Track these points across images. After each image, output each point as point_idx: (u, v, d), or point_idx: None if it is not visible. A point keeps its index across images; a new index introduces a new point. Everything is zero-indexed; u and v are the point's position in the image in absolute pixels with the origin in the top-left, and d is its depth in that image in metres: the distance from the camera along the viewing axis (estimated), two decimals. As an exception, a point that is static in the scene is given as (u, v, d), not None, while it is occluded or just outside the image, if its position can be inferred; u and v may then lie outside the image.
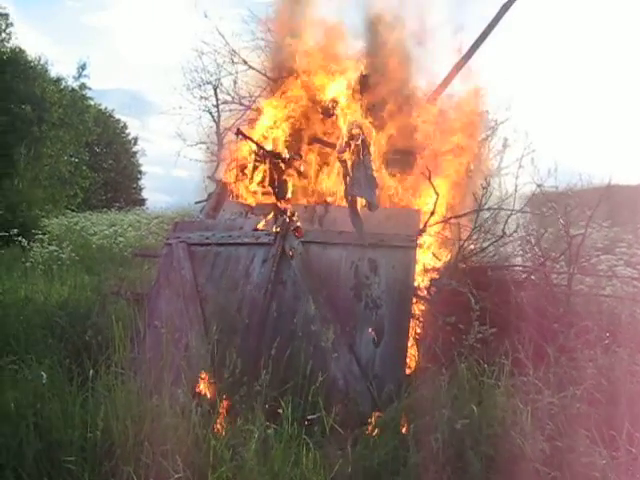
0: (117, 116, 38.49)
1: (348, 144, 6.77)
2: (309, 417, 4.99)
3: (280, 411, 4.85)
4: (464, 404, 4.84)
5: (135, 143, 39.74)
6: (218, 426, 5.00)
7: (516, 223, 7.51)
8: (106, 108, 36.59)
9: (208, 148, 10.11)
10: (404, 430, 4.98)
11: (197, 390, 6.13)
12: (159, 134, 63.44)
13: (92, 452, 4.09)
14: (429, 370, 5.46)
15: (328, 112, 7.44)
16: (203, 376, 6.22)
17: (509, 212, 7.35)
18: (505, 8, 7.68)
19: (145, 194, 40.05)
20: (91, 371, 4.73)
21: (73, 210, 23.22)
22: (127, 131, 39.36)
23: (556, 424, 4.61)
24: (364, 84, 7.31)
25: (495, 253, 7.64)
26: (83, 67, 24.45)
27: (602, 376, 5.47)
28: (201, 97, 9.62)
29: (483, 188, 7.26)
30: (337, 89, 7.40)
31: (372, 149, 6.93)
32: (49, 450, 4.22)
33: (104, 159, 36.46)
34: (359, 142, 6.74)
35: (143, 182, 40.34)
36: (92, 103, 27.53)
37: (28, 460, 4.13)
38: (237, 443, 4.27)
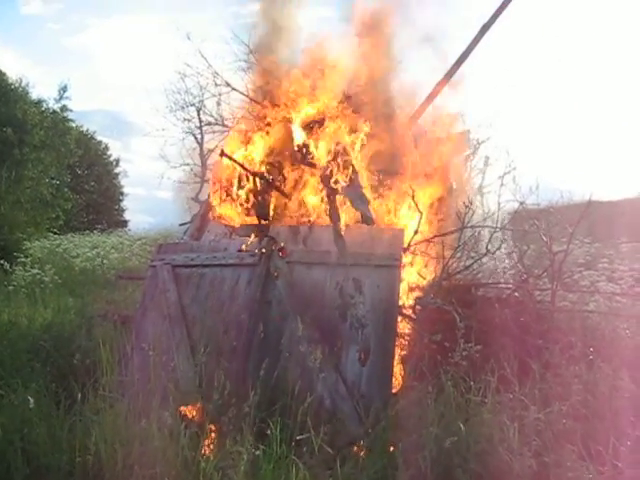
0: (99, 138, 38.45)
1: (334, 163, 6.84)
2: (298, 437, 4.98)
3: (268, 432, 4.85)
4: (451, 422, 4.87)
5: (117, 165, 39.64)
6: (207, 448, 4.99)
7: (499, 240, 7.59)
8: (87, 130, 36.53)
9: (192, 169, 10.11)
10: (392, 449, 4.99)
11: (184, 412, 6.12)
12: (141, 155, 63.36)
13: (81, 476, 4.07)
14: (415, 388, 5.47)
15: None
16: (190, 398, 6.21)
17: (492, 230, 7.42)
18: (485, 28, 7.77)
19: (127, 215, 39.95)
20: (79, 394, 4.71)
21: (55, 233, 23.03)
22: (109, 152, 39.30)
23: (543, 440, 4.65)
24: (347, 104, 7.38)
25: (479, 271, 7.70)
26: (64, 89, 24.26)
27: (587, 392, 5.53)
28: (184, 119, 9.63)
29: (465, 206, 7.34)
30: (320, 110, 7.49)
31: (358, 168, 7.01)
32: (37, 475, 4.19)
33: (86, 181, 36.31)
34: (346, 161, 6.82)
35: (125, 203, 40.24)
36: (74, 125, 27.39)
37: (16, 485, 4.11)
38: (226, 465, 4.27)
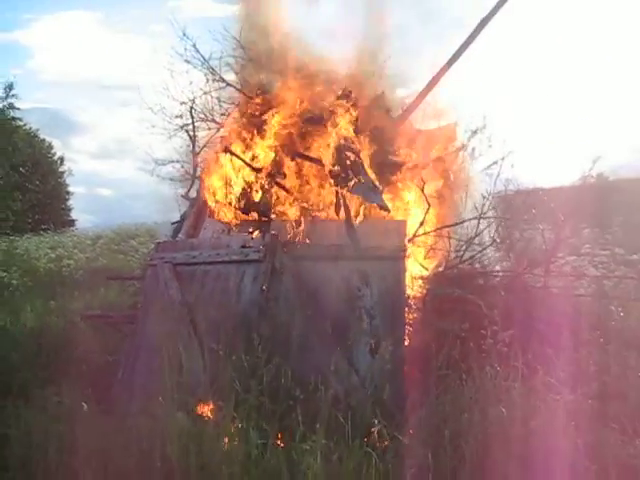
0: (41, 136, 37.45)
1: (344, 158, 6.89)
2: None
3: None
4: (486, 407, 4.98)
5: (62, 163, 38.66)
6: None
7: (495, 229, 7.76)
8: (30, 128, 35.54)
9: (182, 167, 9.99)
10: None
11: (199, 411, 6.13)
12: (81, 153, 62.13)
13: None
14: (447, 376, 5.58)
15: (319, 121, 7.48)
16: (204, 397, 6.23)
17: (494, 219, 7.60)
18: (483, 23, 7.90)
19: (73, 215, 39.04)
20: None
21: (8, 234, 22.38)
22: (53, 151, 38.31)
23: (577, 421, 4.81)
24: (347, 100, 7.41)
25: (478, 260, 7.85)
26: (10, 87, 23.70)
27: (603, 373, 5.73)
28: (175, 116, 9.49)
29: (463, 199, 7.50)
30: (319, 106, 7.52)
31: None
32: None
33: (30, 180, 35.30)
34: (354, 157, 6.89)
35: (71, 203, 39.29)
36: (20, 124, 26.68)
37: None
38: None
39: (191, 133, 9.28)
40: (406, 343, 6.66)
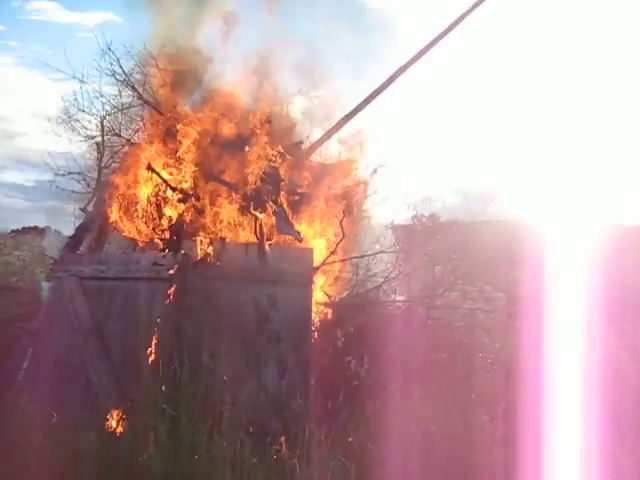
0: None
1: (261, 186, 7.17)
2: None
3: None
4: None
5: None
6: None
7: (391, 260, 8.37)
8: None
9: (84, 179, 9.69)
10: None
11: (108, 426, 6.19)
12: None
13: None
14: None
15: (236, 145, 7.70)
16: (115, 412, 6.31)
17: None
18: (400, 71, 8.39)
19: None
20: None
21: None
22: None
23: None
24: (265, 127, 7.68)
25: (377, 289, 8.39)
26: None
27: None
28: (83, 127, 9.25)
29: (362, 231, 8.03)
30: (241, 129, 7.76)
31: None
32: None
33: None
34: (274, 184, 7.19)
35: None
36: None
37: None
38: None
39: (100, 146, 9.20)
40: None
